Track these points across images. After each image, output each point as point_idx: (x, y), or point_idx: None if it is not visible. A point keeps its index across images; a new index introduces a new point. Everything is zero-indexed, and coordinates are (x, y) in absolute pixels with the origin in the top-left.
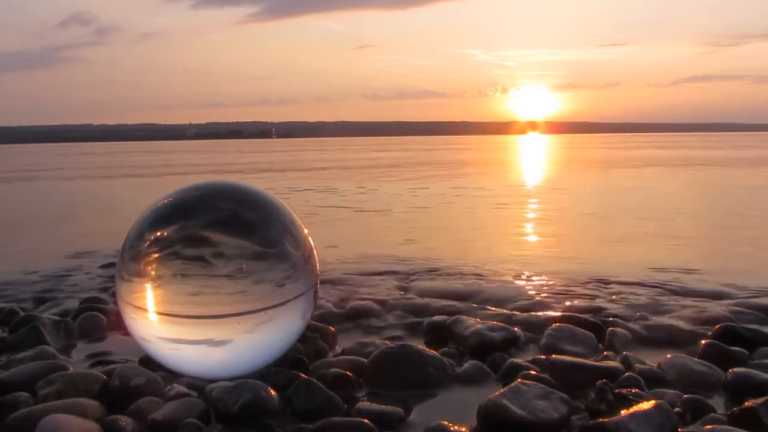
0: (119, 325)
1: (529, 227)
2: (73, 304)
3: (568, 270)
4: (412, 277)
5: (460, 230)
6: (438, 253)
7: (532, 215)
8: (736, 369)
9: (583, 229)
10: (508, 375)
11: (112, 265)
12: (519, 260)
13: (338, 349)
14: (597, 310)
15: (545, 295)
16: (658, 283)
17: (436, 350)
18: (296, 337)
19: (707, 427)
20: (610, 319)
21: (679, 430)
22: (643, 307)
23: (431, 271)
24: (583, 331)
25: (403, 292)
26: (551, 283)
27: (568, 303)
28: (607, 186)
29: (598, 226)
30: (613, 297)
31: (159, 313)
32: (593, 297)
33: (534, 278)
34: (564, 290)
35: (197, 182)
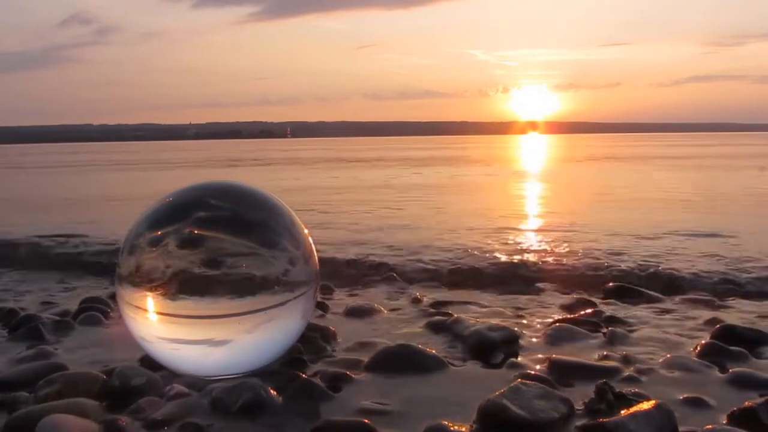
0: (119, 325)
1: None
2: (73, 304)
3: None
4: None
5: None
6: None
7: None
8: (736, 369)
9: None
10: (508, 374)
11: (111, 265)
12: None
13: (338, 348)
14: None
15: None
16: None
17: (435, 350)
18: (296, 337)
19: (707, 427)
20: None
21: (680, 430)
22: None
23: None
24: (583, 330)
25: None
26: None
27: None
28: None
29: None
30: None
31: (159, 313)
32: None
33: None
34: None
35: (197, 182)
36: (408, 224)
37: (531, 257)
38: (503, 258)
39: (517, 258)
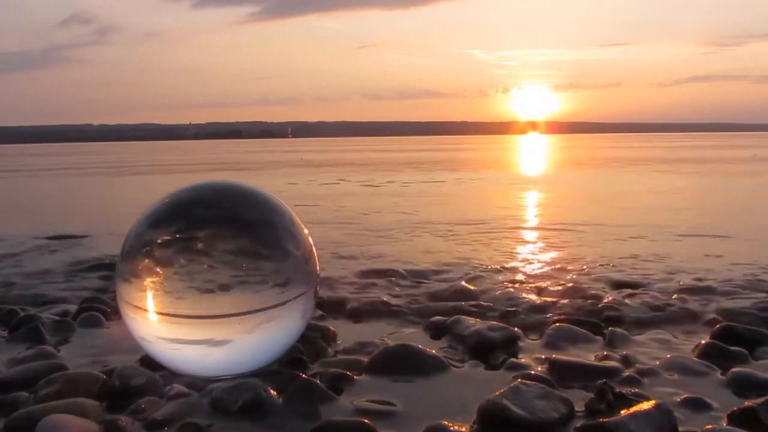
0: (119, 325)
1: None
2: (73, 304)
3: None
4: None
5: None
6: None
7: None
8: (736, 369)
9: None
10: (508, 375)
11: (111, 265)
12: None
13: (338, 348)
14: (598, 312)
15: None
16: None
17: (435, 350)
18: (296, 337)
19: (707, 427)
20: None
21: (680, 430)
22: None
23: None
24: (583, 330)
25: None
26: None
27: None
28: None
29: None
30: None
31: (159, 313)
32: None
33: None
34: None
35: (197, 182)
36: (415, 225)
37: (530, 257)
38: (503, 258)
39: (517, 257)
